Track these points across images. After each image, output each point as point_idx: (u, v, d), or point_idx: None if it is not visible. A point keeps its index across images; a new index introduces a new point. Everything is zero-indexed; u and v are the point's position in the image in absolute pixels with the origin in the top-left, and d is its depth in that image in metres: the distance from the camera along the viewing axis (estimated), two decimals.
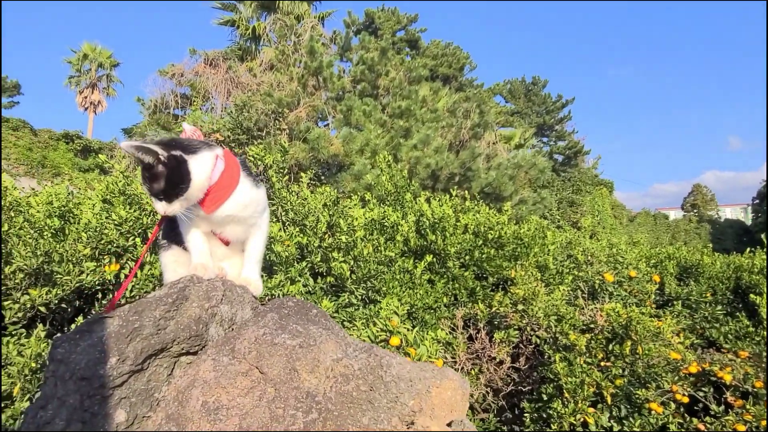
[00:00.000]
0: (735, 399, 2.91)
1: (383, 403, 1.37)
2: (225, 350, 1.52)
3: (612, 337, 3.24)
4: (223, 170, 1.69)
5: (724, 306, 4.53)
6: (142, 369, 1.43)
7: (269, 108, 8.68)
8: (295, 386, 1.41)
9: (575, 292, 4.26)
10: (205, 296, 1.59)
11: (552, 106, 33.54)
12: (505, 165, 10.12)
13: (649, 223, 32.39)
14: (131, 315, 1.47)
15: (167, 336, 1.47)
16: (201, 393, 1.42)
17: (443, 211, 4.27)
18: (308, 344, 1.49)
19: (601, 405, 3.06)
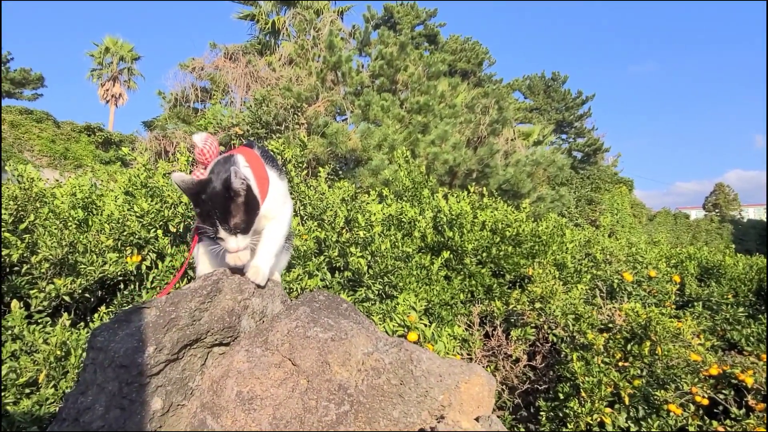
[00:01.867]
0: (756, 402, 2.86)
1: (413, 397, 1.39)
2: (258, 342, 1.54)
3: (630, 337, 3.21)
4: (254, 175, 1.65)
5: (746, 308, 4.46)
6: (178, 358, 1.46)
7: (288, 102, 8.71)
8: (328, 378, 1.44)
9: (593, 291, 4.22)
10: (238, 289, 1.62)
11: (572, 102, 33.14)
12: (523, 162, 10.04)
13: (669, 223, 31.89)
14: (168, 306, 1.50)
15: (202, 327, 1.50)
16: (235, 383, 1.45)
17: (461, 208, 4.26)
18: (340, 338, 1.50)
19: (618, 405, 3.04)
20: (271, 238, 1.73)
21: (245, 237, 1.60)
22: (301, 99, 8.89)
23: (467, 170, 9.60)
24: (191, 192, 1.58)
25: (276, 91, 8.88)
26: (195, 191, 1.57)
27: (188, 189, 1.57)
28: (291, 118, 8.72)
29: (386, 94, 9.49)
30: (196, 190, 1.57)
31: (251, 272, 1.68)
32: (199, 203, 1.58)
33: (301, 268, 3.18)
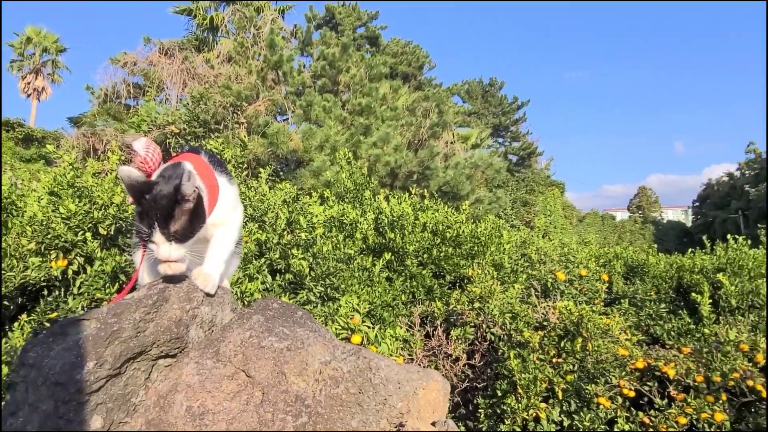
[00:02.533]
0: (677, 393, 3.05)
1: (372, 406, 1.38)
2: (209, 353, 1.48)
3: (564, 334, 3.34)
4: (204, 185, 1.58)
5: (668, 304, 4.74)
6: (120, 373, 1.37)
7: (227, 101, 8.49)
8: (284, 390, 1.39)
9: (529, 290, 4.37)
10: (186, 297, 1.54)
11: (508, 107, 34.23)
12: (462, 164, 10.27)
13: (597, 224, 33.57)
14: (110, 317, 1.41)
15: (147, 339, 1.41)
16: (185, 397, 1.37)
17: (402, 209, 4.31)
18: (296, 347, 1.47)
19: (552, 400, 3.16)
20: (221, 245, 1.65)
21: (180, 247, 1.51)
22: (241, 98, 8.70)
23: (408, 172, 9.71)
24: (136, 189, 1.49)
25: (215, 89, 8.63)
26: (140, 189, 1.48)
27: (133, 186, 1.48)
28: (230, 117, 8.50)
29: (328, 95, 9.46)
30: (141, 188, 1.48)
31: (200, 280, 1.60)
32: (141, 202, 1.49)
33: (241, 271, 3.11)
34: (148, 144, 1.67)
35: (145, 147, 1.64)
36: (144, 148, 1.64)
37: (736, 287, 3.97)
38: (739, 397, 2.99)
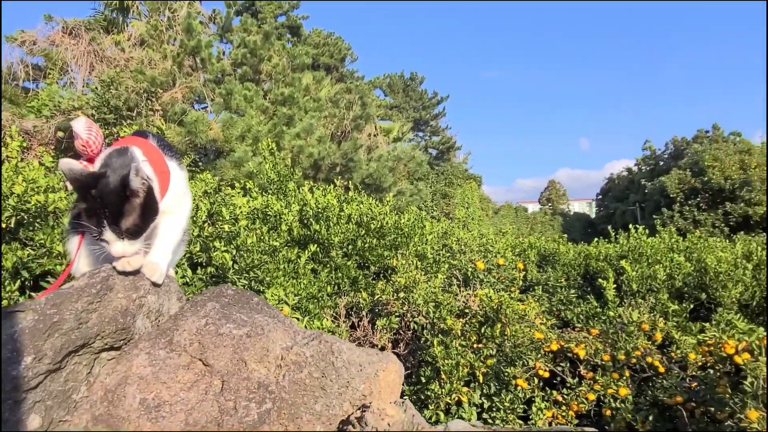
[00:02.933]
0: (587, 372, 3.28)
1: (335, 389, 1.37)
2: (161, 343, 1.40)
3: (484, 321, 3.49)
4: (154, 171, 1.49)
5: (576, 290, 5.07)
6: (60, 368, 1.26)
7: (141, 86, 7.99)
8: (245, 377, 1.35)
9: (450, 279, 4.51)
10: (132, 286, 1.45)
11: (428, 102, 34.87)
12: (385, 157, 10.36)
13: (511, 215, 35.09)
14: (48, 308, 1.29)
15: (90, 330, 1.31)
16: (137, 390, 1.30)
17: (327, 201, 4.29)
18: (256, 333, 1.43)
19: (473, 384, 3.29)
20: (169, 233, 1.58)
21: (134, 243, 1.43)
22: (156, 84, 8.21)
23: (332, 164, 9.66)
24: (80, 184, 1.37)
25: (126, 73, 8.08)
26: (84, 184, 1.37)
27: (77, 180, 1.37)
28: (144, 103, 8.02)
29: (249, 83, 9.18)
30: (85, 182, 1.37)
31: (148, 269, 1.52)
32: (87, 198, 1.38)
33: None
34: (89, 125, 1.54)
35: (87, 129, 1.52)
36: (86, 130, 1.52)
37: (637, 273, 4.31)
38: (640, 373, 3.27)
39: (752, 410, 2.35)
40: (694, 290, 4.42)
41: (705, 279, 4.37)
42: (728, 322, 3.28)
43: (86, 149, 1.52)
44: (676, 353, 3.34)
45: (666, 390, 3.08)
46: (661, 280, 4.27)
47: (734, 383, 2.72)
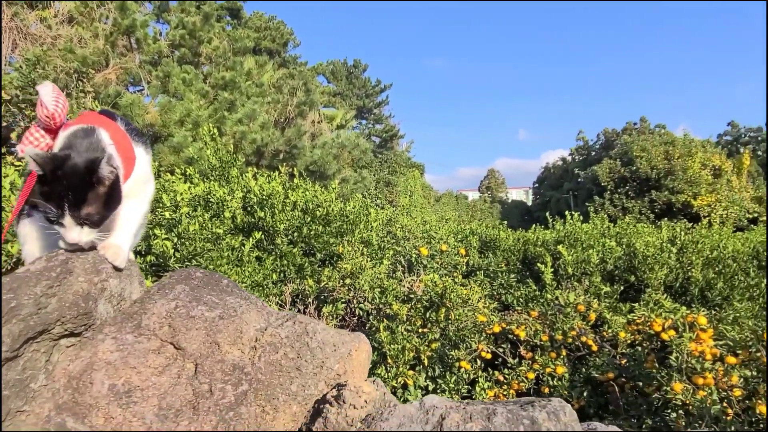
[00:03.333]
0: (526, 352, 3.42)
1: (310, 369, 1.37)
2: (128, 327, 1.35)
3: (429, 306, 3.56)
4: (120, 157, 1.43)
5: (516, 274, 5.25)
6: (18, 356, 1.19)
7: (71, 66, 7.48)
8: (219, 359, 1.32)
9: (395, 265, 4.56)
10: (93, 269, 1.38)
11: (371, 90, 34.83)
12: (330, 144, 10.28)
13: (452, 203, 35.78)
14: (5, 293, 1.22)
15: (50, 316, 1.24)
16: (105, 376, 1.24)
17: (272, 188, 4.23)
18: (229, 315, 1.40)
19: (419, 367, 3.36)
20: (132, 217, 1.52)
21: (92, 231, 1.37)
22: (87, 63, 7.72)
23: (275, 150, 9.48)
24: (47, 168, 1.30)
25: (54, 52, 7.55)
26: (51, 168, 1.29)
27: (45, 165, 1.29)
28: (75, 84, 7.52)
29: (188, 66, 8.82)
30: (52, 166, 1.29)
31: (110, 252, 1.45)
32: (49, 180, 1.30)
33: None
34: (57, 94, 1.44)
35: (54, 98, 1.42)
36: (53, 99, 1.42)
37: (572, 257, 4.51)
38: (575, 352, 3.44)
39: (677, 383, 2.54)
40: (624, 273, 4.68)
41: (634, 262, 4.64)
42: (656, 302, 3.50)
43: (50, 121, 1.42)
44: (607, 332, 3.53)
45: (598, 367, 3.26)
46: (594, 264, 4.49)
47: (661, 359, 2.92)
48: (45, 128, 1.45)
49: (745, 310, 3.55)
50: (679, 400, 2.51)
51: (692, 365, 2.62)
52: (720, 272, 4.53)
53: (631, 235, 5.42)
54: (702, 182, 21.80)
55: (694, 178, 21.89)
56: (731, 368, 2.65)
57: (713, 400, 2.49)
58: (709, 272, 4.48)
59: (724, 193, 21.69)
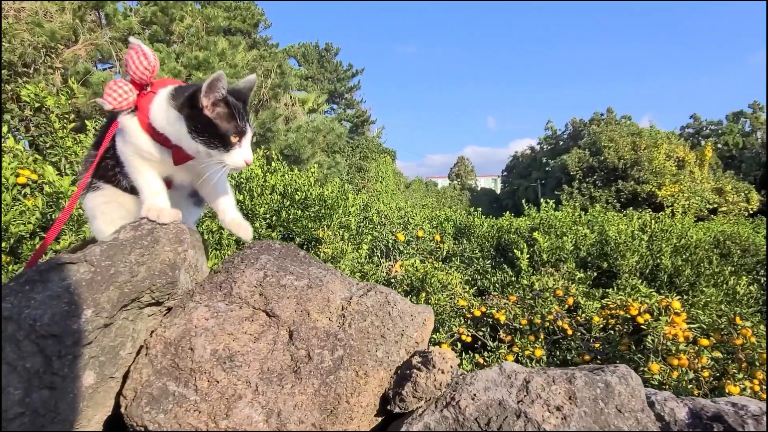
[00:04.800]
0: (506, 335, 3.49)
1: (392, 337, 1.40)
2: (218, 296, 1.37)
3: (410, 290, 3.59)
4: None
5: (491, 260, 5.33)
6: (111, 323, 1.20)
7: (39, 40, 7.13)
8: (312, 326, 1.34)
9: (372, 250, 4.58)
10: (176, 239, 1.38)
11: (343, 74, 34.49)
12: (304, 128, 10.14)
13: (422, 190, 35.96)
14: (103, 260, 1.22)
15: (142, 284, 1.25)
16: (206, 341, 1.26)
17: (251, 171, 4.17)
18: (316, 284, 1.43)
19: None
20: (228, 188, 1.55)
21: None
22: (56, 38, 7.38)
23: None
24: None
25: (21, 25, 7.19)
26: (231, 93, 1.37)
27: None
28: (43, 60, 7.17)
29: (160, 44, 8.53)
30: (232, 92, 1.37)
31: (243, 228, 1.48)
32: (230, 104, 1.34)
33: (74, 234, 2.77)
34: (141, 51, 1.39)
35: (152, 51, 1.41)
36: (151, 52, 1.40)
37: (548, 244, 4.60)
38: (552, 335, 3.52)
39: (654, 363, 2.63)
40: (596, 259, 4.81)
41: (606, 249, 4.76)
42: (633, 287, 3.61)
43: (148, 73, 1.38)
44: (581, 317, 3.63)
45: (573, 350, 3.35)
46: (568, 251, 4.60)
47: (637, 341, 3.02)
48: (133, 83, 1.39)
49: (715, 295, 3.70)
50: (657, 380, 2.60)
51: (667, 347, 2.72)
52: (687, 260, 4.70)
53: (603, 222, 5.56)
54: (666, 173, 22.47)
55: (659, 168, 22.55)
56: (702, 350, 2.76)
57: (687, 379, 2.60)
58: (678, 259, 4.64)
59: (687, 184, 22.43)
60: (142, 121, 1.37)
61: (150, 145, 1.38)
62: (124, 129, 1.39)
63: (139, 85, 1.39)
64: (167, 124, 1.35)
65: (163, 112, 1.35)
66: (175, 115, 1.34)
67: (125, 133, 1.39)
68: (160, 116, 1.36)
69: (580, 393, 1.22)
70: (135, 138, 1.38)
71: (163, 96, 1.37)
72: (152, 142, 1.38)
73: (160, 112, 1.36)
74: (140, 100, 1.39)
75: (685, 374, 2.58)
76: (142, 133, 1.38)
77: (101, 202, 1.47)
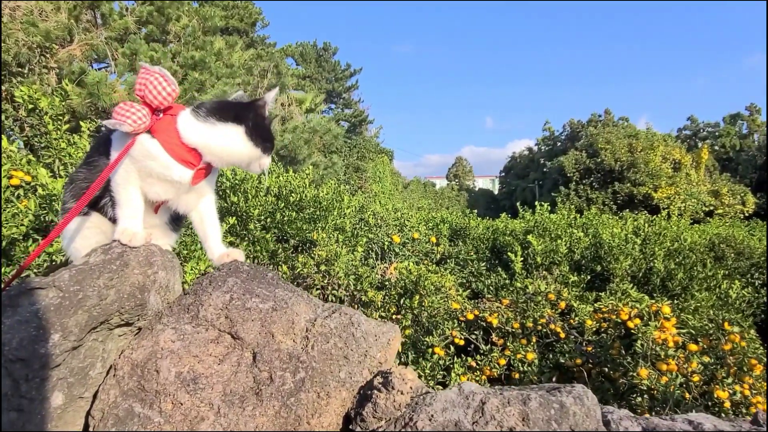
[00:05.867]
0: (498, 339, 3.50)
1: (356, 358, 1.43)
2: (185, 318, 1.41)
3: (404, 293, 3.60)
4: None
5: (486, 263, 5.35)
6: (81, 345, 1.25)
7: (33, 40, 7.09)
8: (276, 348, 1.38)
9: (367, 252, 4.58)
10: (146, 261, 1.43)
11: (341, 74, 34.48)
12: (301, 129, 10.13)
13: (420, 190, 35.97)
14: (72, 285, 1.27)
15: (110, 307, 1.30)
16: (171, 364, 1.29)
17: (245, 172, 4.17)
18: (281, 307, 1.46)
19: None
20: (216, 215, 1.65)
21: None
22: (51, 38, 7.33)
23: None
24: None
25: (15, 24, 7.14)
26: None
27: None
28: (38, 60, 7.14)
29: (156, 44, 8.49)
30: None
31: (236, 254, 1.62)
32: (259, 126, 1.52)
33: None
34: (160, 75, 1.48)
35: (156, 75, 1.48)
36: (172, 79, 1.49)
37: (542, 247, 4.62)
38: (544, 339, 3.54)
39: (643, 368, 2.65)
40: (590, 262, 4.82)
41: (600, 252, 4.78)
42: (624, 291, 3.63)
43: (170, 99, 1.46)
44: (574, 320, 3.65)
45: (566, 353, 3.37)
46: (562, 254, 4.61)
47: (626, 346, 3.03)
48: (150, 107, 1.44)
49: (704, 300, 3.72)
50: (645, 385, 2.62)
51: (656, 352, 2.74)
52: (680, 263, 4.72)
53: (597, 225, 5.58)
54: (662, 175, 22.52)
55: (655, 171, 22.60)
56: (691, 355, 2.78)
57: (676, 385, 2.61)
58: (670, 263, 4.66)
59: (683, 186, 22.48)
60: (167, 141, 1.43)
61: (170, 165, 1.44)
62: (140, 150, 1.43)
63: (153, 109, 1.45)
64: (210, 138, 1.46)
65: (203, 128, 1.46)
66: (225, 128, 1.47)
67: (140, 153, 1.43)
68: (196, 133, 1.45)
69: (533, 414, 1.24)
70: (152, 159, 1.43)
71: (189, 116, 1.47)
72: (174, 162, 1.43)
73: (196, 129, 1.45)
74: (158, 123, 1.45)
75: (675, 379, 2.60)
76: (164, 154, 1.43)
77: (85, 226, 1.53)
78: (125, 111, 1.40)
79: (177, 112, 1.48)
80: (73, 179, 1.56)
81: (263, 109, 1.52)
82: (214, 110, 1.48)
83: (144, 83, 1.44)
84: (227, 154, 1.49)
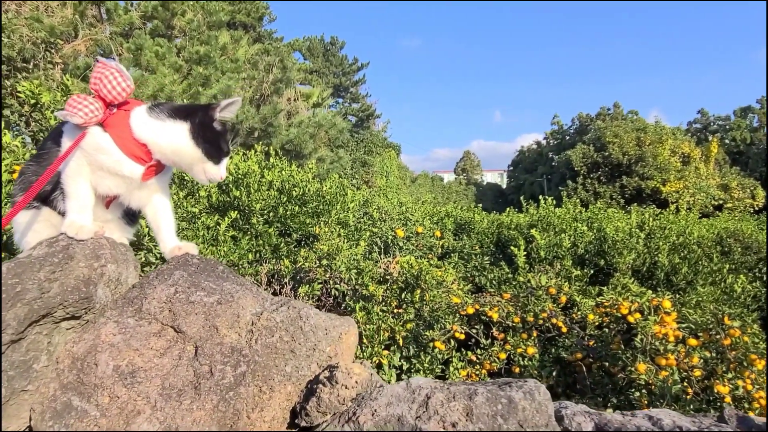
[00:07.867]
0: (499, 333, 3.50)
1: (303, 352, 1.43)
2: (129, 311, 1.40)
3: (405, 287, 3.60)
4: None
5: (489, 257, 5.34)
6: (22, 338, 1.24)
7: (38, 36, 7.14)
8: (218, 342, 1.37)
9: (371, 246, 4.59)
10: (93, 255, 1.42)
11: (348, 68, 34.42)
12: (306, 123, 10.14)
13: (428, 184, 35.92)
14: (10, 278, 1.27)
15: (53, 300, 1.29)
16: (110, 357, 1.29)
17: (248, 167, 4.19)
18: (226, 300, 1.45)
19: (393, 347, 3.41)
20: (170, 211, 1.67)
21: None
22: (56, 34, 7.38)
23: (250, 128, 9.32)
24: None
25: (20, 20, 7.20)
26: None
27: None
28: (43, 55, 7.19)
29: (161, 39, 8.53)
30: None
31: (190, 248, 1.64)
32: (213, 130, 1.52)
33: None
34: (116, 68, 1.49)
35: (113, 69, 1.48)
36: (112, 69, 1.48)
37: (545, 241, 4.60)
38: (545, 333, 3.53)
39: (641, 363, 2.64)
40: (594, 257, 4.80)
41: (604, 246, 4.76)
42: (624, 285, 3.61)
43: (124, 94, 1.47)
44: (576, 314, 3.64)
45: (567, 348, 3.36)
46: (566, 248, 4.59)
47: (626, 340, 3.02)
48: (104, 101, 1.45)
49: (708, 294, 3.69)
50: (643, 380, 2.61)
51: (656, 347, 2.73)
52: (685, 258, 4.68)
53: (602, 220, 5.55)
54: (671, 169, 22.34)
55: (663, 164, 22.41)
56: (692, 350, 2.77)
57: (674, 379, 2.60)
58: (675, 257, 4.63)
59: (692, 180, 22.29)
60: (119, 136, 1.43)
61: (120, 160, 1.44)
62: (92, 143, 1.43)
63: (107, 103, 1.45)
64: (157, 134, 1.46)
65: (153, 124, 1.46)
66: (173, 125, 1.47)
67: (91, 146, 1.43)
68: (147, 128, 1.46)
69: (478, 409, 1.23)
70: (103, 152, 1.43)
71: (143, 112, 1.48)
72: (124, 157, 1.44)
73: (146, 125, 1.46)
74: (111, 118, 1.45)
75: (673, 374, 2.59)
76: (115, 148, 1.43)
77: (36, 221, 1.53)
78: (77, 103, 1.40)
79: (132, 108, 1.49)
80: (23, 172, 1.56)
81: (213, 112, 1.50)
82: (167, 109, 1.50)
83: (99, 77, 1.44)
84: (171, 151, 1.48)
